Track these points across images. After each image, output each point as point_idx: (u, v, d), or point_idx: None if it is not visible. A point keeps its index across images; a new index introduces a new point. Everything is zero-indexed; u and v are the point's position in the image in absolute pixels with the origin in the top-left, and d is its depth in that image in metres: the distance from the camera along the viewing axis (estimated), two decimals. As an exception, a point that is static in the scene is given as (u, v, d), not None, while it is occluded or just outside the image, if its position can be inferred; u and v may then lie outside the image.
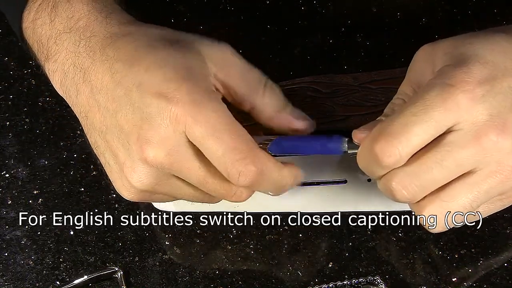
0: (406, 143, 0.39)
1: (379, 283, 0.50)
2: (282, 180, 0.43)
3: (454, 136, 0.39)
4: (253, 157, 0.41)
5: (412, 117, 0.39)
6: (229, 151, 0.40)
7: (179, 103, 0.40)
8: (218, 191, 0.43)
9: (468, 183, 0.40)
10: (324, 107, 0.56)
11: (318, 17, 0.60)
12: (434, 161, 0.39)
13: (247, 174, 0.40)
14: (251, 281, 0.51)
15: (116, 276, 0.51)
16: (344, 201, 0.53)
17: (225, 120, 0.41)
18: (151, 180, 0.43)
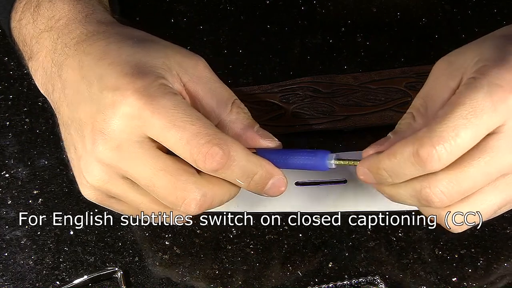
0: (456, 147, 0.38)
1: (379, 283, 0.50)
2: (252, 167, 0.42)
3: (498, 140, 0.39)
4: (218, 139, 0.40)
5: (461, 120, 0.38)
6: (193, 136, 0.39)
7: (133, 96, 0.40)
8: (166, 197, 0.42)
9: (499, 187, 0.40)
10: (324, 107, 0.56)
11: (318, 17, 0.60)
12: (478, 167, 0.39)
13: (214, 156, 0.39)
14: (251, 281, 0.51)
15: (116, 276, 0.51)
16: (344, 201, 0.53)
17: (185, 110, 0.40)
18: (102, 176, 0.42)
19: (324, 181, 0.54)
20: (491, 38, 0.43)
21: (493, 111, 0.38)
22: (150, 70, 0.42)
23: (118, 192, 0.44)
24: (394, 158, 0.40)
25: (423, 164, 0.38)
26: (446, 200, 0.39)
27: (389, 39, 0.60)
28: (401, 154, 0.39)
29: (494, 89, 0.38)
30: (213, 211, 0.54)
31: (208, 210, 0.54)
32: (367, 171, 0.42)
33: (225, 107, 0.45)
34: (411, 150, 0.38)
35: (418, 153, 0.38)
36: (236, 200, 0.54)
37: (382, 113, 0.55)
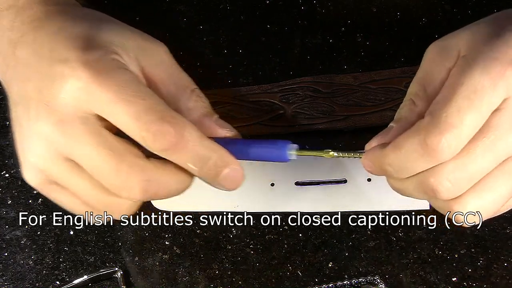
0: (465, 130, 0.36)
1: (379, 283, 0.50)
2: (206, 151, 0.39)
3: (501, 117, 0.37)
4: (171, 117, 0.37)
5: (464, 101, 0.36)
6: (143, 112, 0.37)
7: (81, 69, 0.38)
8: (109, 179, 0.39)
9: (508, 171, 0.38)
10: (324, 107, 0.56)
11: (318, 17, 0.60)
12: (483, 148, 0.37)
13: (165, 134, 0.37)
14: (251, 281, 0.51)
15: (116, 276, 0.51)
16: (344, 201, 0.53)
17: (137, 86, 0.38)
18: (42, 153, 0.39)
19: (324, 181, 0.54)
20: (483, 19, 0.41)
21: (493, 88, 0.36)
22: (103, 45, 0.40)
23: (60, 175, 0.40)
24: (400, 152, 0.38)
25: (433, 154, 0.36)
26: (454, 189, 0.37)
27: (389, 39, 0.59)
28: (407, 146, 0.37)
29: (490, 63, 0.36)
30: (213, 211, 0.54)
31: (208, 210, 0.54)
32: (371, 164, 0.40)
33: (183, 94, 0.43)
34: (417, 141, 0.37)
35: (426, 143, 0.36)
36: (236, 200, 0.54)
37: (382, 113, 0.55)
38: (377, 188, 0.53)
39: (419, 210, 0.52)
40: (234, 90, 0.58)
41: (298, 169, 0.54)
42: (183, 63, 0.59)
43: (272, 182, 0.54)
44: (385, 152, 0.39)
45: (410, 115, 0.40)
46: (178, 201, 0.54)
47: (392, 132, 0.40)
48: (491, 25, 0.39)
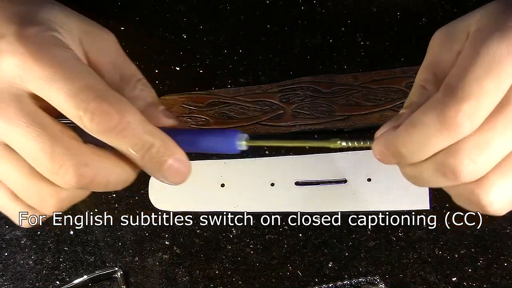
0: (485, 101, 0.33)
1: (379, 283, 0.50)
2: (148, 137, 0.36)
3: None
4: (112, 97, 0.35)
5: (482, 70, 0.34)
6: (81, 90, 0.34)
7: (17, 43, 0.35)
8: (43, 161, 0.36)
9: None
10: (324, 107, 0.56)
11: (318, 17, 0.60)
12: (504, 123, 0.34)
13: (104, 114, 0.34)
14: (251, 281, 0.51)
15: (116, 276, 0.51)
16: (344, 201, 0.53)
17: (77, 63, 0.36)
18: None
19: (324, 181, 0.54)
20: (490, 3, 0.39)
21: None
22: (43, 22, 0.38)
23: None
24: (415, 129, 0.35)
25: (452, 128, 0.33)
26: (476, 168, 0.34)
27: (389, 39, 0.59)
28: (423, 122, 0.34)
29: (507, 32, 0.34)
30: (213, 211, 0.54)
31: (208, 210, 0.54)
32: (384, 150, 0.37)
33: (128, 83, 0.41)
34: (434, 115, 0.34)
35: (444, 116, 0.33)
36: (236, 200, 0.54)
37: (382, 113, 0.55)
38: (377, 188, 0.53)
39: (419, 210, 0.52)
40: (234, 90, 0.58)
41: (298, 169, 0.54)
42: (183, 63, 0.59)
43: (272, 182, 0.54)
44: (399, 133, 0.36)
45: (421, 99, 0.38)
46: (178, 201, 0.54)
47: (404, 117, 0.37)
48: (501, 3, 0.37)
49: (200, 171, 0.55)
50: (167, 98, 0.58)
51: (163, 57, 0.59)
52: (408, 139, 0.35)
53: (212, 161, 0.55)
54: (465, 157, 0.34)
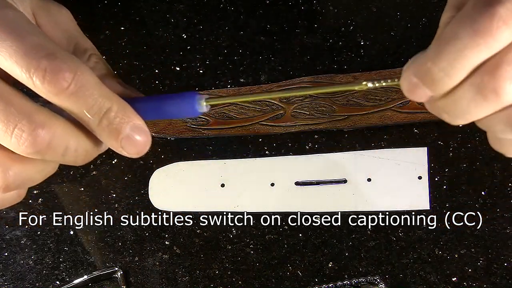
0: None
1: (379, 283, 0.50)
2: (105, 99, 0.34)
3: None
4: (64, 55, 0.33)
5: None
6: (32, 48, 0.32)
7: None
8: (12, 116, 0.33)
9: None
10: (324, 107, 0.56)
11: (318, 17, 0.60)
12: None
13: (56, 73, 0.32)
14: (251, 281, 0.51)
15: (116, 276, 0.51)
16: (344, 201, 0.53)
17: (28, 23, 0.34)
18: None
19: (324, 181, 0.54)
20: None
21: None
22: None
23: None
24: (446, 43, 0.31)
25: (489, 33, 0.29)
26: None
27: (389, 39, 0.59)
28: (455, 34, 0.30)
29: None
30: (213, 211, 0.54)
31: (208, 210, 0.54)
32: (414, 79, 0.32)
33: (82, 56, 0.39)
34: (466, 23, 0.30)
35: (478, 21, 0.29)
36: (236, 200, 0.54)
37: (382, 113, 0.55)
38: (377, 188, 0.53)
39: (419, 210, 0.52)
40: (234, 90, 0.58)
41: (298, 169, 0.54)
42: (183, 63, 0.59)
43: (272, 182, 0.55)
44: (429, 51, 0.32)
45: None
46: (178, 201, 0.54)
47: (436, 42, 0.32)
48: None
49: (200, 171, 0.55)
50: (167, 98, 0.57)
51: (163, 57, 0.59)
52: (440, 55, 0.31)
53: (212, 161, 0.55)
54: (507, 70, 0.30)
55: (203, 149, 0.56)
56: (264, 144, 0.56)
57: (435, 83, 0.32)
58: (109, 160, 0.56)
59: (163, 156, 0.56)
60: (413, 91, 0.33)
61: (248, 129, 0.56)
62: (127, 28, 0.60)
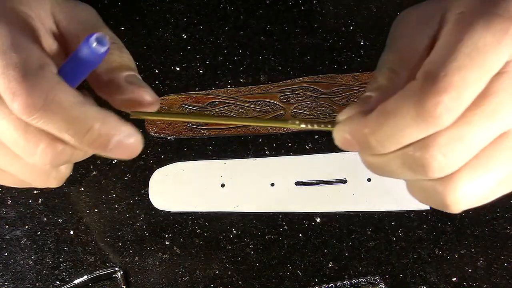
0: (466, 93, 0.31)
1: (379, 283, 0.50)
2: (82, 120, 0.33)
3: (503, 82, 0.32)
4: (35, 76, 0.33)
5: (465, 59, 0.31)
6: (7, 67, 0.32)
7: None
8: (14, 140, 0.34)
9: (506, 146, 0.33)
10: (324, 107, 0.56)
11: (318, 17, 0.60)
12: (482, 117, 0.32)
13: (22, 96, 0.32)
14: (251, 281, 0.51)
15: (116, 276, 0.51)
16: (344, 201, 0.53)
17: (16, 36, 0.34)
18: None
19: (324, 181, 0.54)
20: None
21: (497, 46, 0.31)
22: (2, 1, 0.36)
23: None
24: (388, 118, 0.32)
25: (430, 120, 0.31)
26: (447, 163, 0.32)
27: (389, 39, 0.59)
28: (398, 111, 0.32)
29: (493, 19, 0.32)
30: (213, 211, 0.54)
31: (208, 210, 0.54)
32: (348, 138, 0.34)
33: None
34: (411, 104, 0.31)
35: (422, 106, 0.31)
36: (236, 200, 0.54)
37: (382, 113, 0.55)
38: (377, 188, 0.53)
39: (419, 210, 0.52)
40: (234, 90, 0.58)
41: (298, 169, 0.54)
42: (183, 63, 0.59)
43: (272, 182, 0.55)
44: (369, 120, 0.33)
45: (392, 84, 0.35)
46: (178, 201, 0.54)
47: (374, 100, 0.34)
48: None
49: (200, 171, 0.55)
50: (167, 98, 0.58)
51: (163, 57, 0.59)
52: (379, 128, 0.32)
53: (212, 161, 0.55)
54: (437, 151, 0.32)
55: (203, 149, 0.56)
56: (264, 144, 0.56)
57: (368, 148, 0.33)
58: (109, 160, 0.56)
59: (163, 156, 0.56)
60: (344, 144, 0.34)
61: (248, 129, 0.56)
62: (127, 28, 0.60)
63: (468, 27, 0.32)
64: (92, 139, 0.34)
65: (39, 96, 0.32)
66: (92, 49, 0.33)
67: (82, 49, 0.34)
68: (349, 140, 0.34)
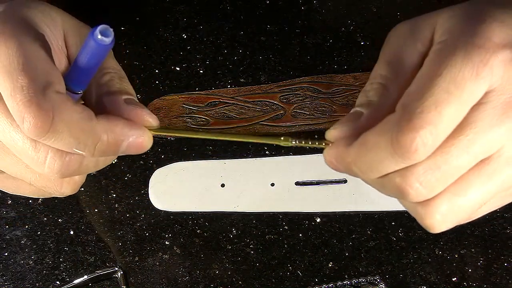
0: (442, 127, 0.32)
1: (379, 283, 0.50)
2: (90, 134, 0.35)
3: (482, 112, 0.33)
4: (42, 99, 0.34)
5: (442, 94, 0.32)
6: (16, 90, 0.34)
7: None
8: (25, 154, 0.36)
9: (485, 173, 0.34)
10: (324, 107, 0.56)
11: (318, 17, 0.60)
12: (460, 148, 0.33)
13: (32, 119, 0.33)
14: (251, 281, 0.51)
15: (116, 276, 0.51)
16: (344, 201, 0.53)
17: (25, 56, 0.35)
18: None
19: (324, 181, 0.54)
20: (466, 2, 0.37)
21: (476, 79, 0.32)
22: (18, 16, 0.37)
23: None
24: (367, 151, 0.34)
25: (406, 155, 0.32)
26: (424, 191, 0.34)
27: (389, 39, 0.59)
28: (376, 145, 0.33)
29: (472, 51, 0.32)
30: (213, 211, 0.54)
31: (208, 210, 0.54)
32: (334, 162, 0.36)
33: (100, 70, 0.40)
34: (388, 139, 0.32)
35: (398, 141, 0.32)
36: (236, 200, 0.54)
37: (382, 113, 0.55)
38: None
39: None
40: (234, 90, 0.58)
41: (298, 169, 0.54)
42: (183, 63, 0.59)
43: (272, 182, 0.55)
44: (350, 152, 0.35)
45: (381, 101, 0.36)
46: (178, 201, 0.54)
47: (364, 119, 0.35)
48: (469, 9, 0.35)
49: (200, 171, 0.55)
50: (167, 98, 0.58)
51: (163, 57, 0.59)
52: (359, 159, 0.34)
53: (212, 161, 0.55)
54: (414, 180, 0.33)
55: (203, 149, 0.56)
56: (264, 144, 0.56)
57: (352, 174, 0.36)
58: (109, 160, 0.56)
59: (163, 156, 0.56)
60: (331, 166, 0.37)
61: (248, 129, 0.56)
62: (127, 28, 0.61)
63: (447, 59, 0.32)
64: (102, 150, 0.36)
65: (46, 119, 0.34)
66: (98, 41, 0.34)
67: (88, 43, 0.35)
68: (336, 165, 0.36)
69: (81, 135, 0.35)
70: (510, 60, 0.32)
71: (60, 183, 0.40)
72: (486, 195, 0.35)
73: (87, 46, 0.35)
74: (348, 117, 0.36)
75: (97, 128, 0.36)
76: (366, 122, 0.35)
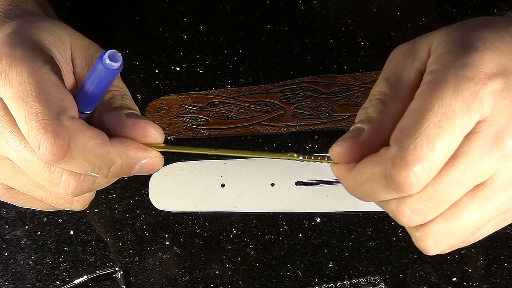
0: (434, 162, 0.32)
1: (379, 283, 0.50)
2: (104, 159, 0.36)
3: (473, 142, 0.33)
4: (57, 125, 0.35)
5: (434, 129, 0.32)
6: (32, 116, 0.35)
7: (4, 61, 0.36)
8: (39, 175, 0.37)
9: (478, 199, 0.35)
10: (324, 107, 0.56)
11: (318, 17, 0.60)
12: (451, 178, 0.33)
13: (48, 145, 0.34)
14: (251, 281, 0.51)
15: (116, 276, 0.51)
16: (344, 201, 0.53)
17: (38, 82, 0.36)
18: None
19: (324, 181, 0.54)
20: (461, 23, 0.37)
21: (467, 111, 0.32)
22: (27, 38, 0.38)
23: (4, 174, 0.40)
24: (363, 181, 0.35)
25: (400, 189, 0.33)
26: (416, 219, 0.35)
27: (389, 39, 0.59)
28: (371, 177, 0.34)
29: (462, 83, 0.33)
30: (213, 211, 0.54)
31: (208, 210, 0.54)
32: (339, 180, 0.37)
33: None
34: (382, 173, 0.33)
35: (392, 176, 0.33)
36: (236, 200, 0.54)
37: (382, 113, 0.55)
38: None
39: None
40: (234, 90, 0.58)
41: (298, 169, 0.54)
42: (183, 63, 0.59)
43: (272, 182, 0.55)
44: (349, 179, 0.36)
45: (381, 116, 0.36)
46: (178, 201, 0.54)
47: (365, 135, 0.36)
48: (463, 32, 0.36)
49: (200, 171, 0.55)
50: (167, 98, 0.58)
51: (163, 57, 0.59)
52: (358, 187, 0.36)
53: (212, 161, 0.55)
54: (407, 209, 0.34)
55: (203, 149, 0.56)
56: (264, 144, 0.56)
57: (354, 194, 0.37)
58: (109, 160, 0.56)
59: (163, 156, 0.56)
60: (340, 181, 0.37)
61: (248, 129, 0.56)
62: (127, 28, 0.61)
63: (438, 93, 0.33)
64: (116, 172, 0.37)
65: (63, 146, 0.35)
66: (106, 66, 0.35)
67: (96, 67, 0.35)
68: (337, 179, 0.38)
69: (96, 160, 0.36)
70: (500, 90, 0.33)
71: (71, 200, 0.41)
72: (480, 220, 0.35)
73: (95, 70, 0.36)
74: (350, 134, 0.37)
75: (111, 153, 0.36)
76: (367, 138, 0.36)
